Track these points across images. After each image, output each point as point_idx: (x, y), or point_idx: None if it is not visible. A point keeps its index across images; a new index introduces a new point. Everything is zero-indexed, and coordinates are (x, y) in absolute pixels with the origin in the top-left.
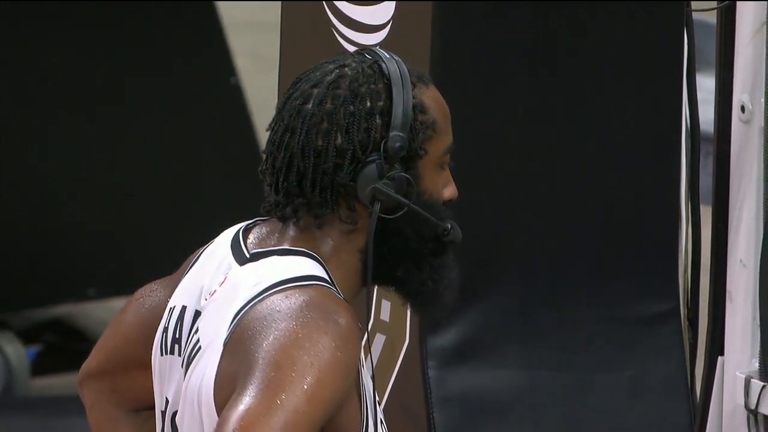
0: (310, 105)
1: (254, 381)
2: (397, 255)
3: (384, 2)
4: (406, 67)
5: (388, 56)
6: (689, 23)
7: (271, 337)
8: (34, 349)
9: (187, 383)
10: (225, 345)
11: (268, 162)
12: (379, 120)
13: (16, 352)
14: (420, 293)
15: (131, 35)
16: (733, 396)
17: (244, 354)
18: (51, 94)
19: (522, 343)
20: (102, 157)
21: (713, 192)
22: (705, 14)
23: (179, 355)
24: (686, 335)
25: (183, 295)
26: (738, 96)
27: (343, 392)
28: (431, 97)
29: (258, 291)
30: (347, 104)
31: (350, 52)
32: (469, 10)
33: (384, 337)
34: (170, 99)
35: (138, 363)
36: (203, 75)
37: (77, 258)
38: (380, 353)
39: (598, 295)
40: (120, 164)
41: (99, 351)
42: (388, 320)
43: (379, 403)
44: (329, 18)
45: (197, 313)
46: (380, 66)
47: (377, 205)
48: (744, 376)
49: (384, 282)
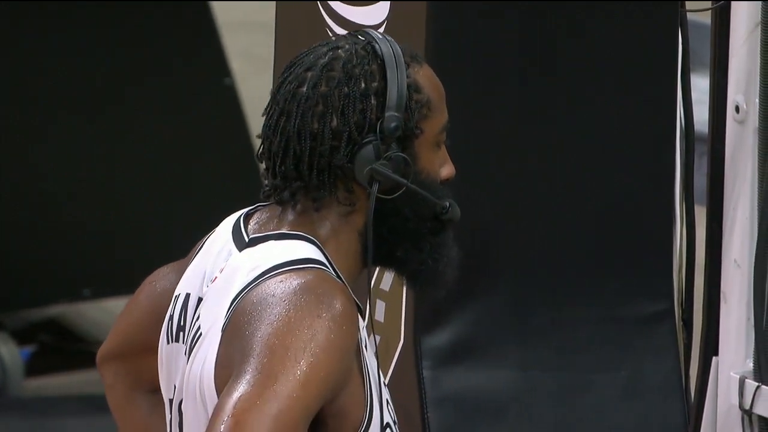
0: (305, 88)
1: (249, 368)
2: (397, 235)
3: (378, 2)
4: (399, 47)
5: (381, 37)
6: (683, 24)
7: (266, 323)
8: (29, 350)
9: (189, 370)
10: (223, 331)
11: (265, 146)
12: (374, 101)
13: (10, 353)
14: (420, 272)
15: (126, 36)
16: (728, 396)
17: (240, 340)
18: (43, 96)
19: (517, 343)
20: (97, 158)
21: (708, 192)
22: (699, 15)
23: (183, 343)
24: (681, 335)
25: (187, 283)
26: (732, 96)
27: (339, 374)
28: (425, 76)
29: (254, 276)
30: (342, 86)
31: (343, 35)
32: (465, 10)
33: (378, 337)
34: (165, 100)
35: (152, 346)
36: (198, 76)
37: (72, 258)
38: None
39: (593, 296)
40: (115, 165)
41: (115, 334)
42: (383, 320)
43: (386, 384)
44: (324, 18)
45: (199, 300)
46: (373, 47)
47: (375, 186)
48: (738, 377)
49: (383, 263)
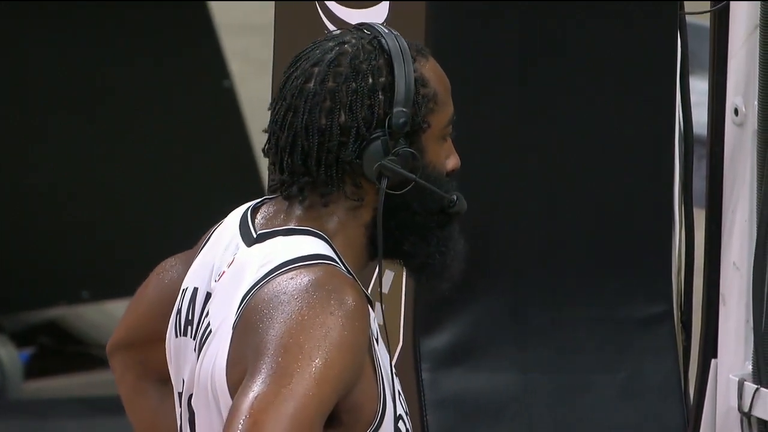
0: (312, 84)
1: (263, 367)
2: (404, 229)
3: (377, 6)
4: (405, 41)
5: (387, 31)
6: (682, 26)
7: (278, 321)
8: (28, 352)
9: (200, 367)
10: (234, 328)
11: (271, 141)
12: (382, 96)
13: (9, 355)
14: (427, 266)
15: (126, 37)
16: (727, 398)
17: (253, 338)
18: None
19: (516, 345)
20: (96, 161)
21: (707, 195)
22: (698, 17)
23: (192, 338)
24: (680, 337)
25: (194, 277)
26: (731, 99)
27: (353, 370)
28: (431, 70)
29: (264, 273)
30: (349, 82)
31: (347, 29)
32: (464, 10)
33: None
34: (164, 102)
35: (161, 336)
36: (197, 78)
37: (71, 260)
38: None
39: (592, 297)
40: (114, 167)
41: (123, 325)
42: (382, 322)
43: (397, 375)
44: (322, 20)
45: (208, 295)
46: (380, 41)
47: (384, 182)
48: (737, 379)
49: (391, 256)
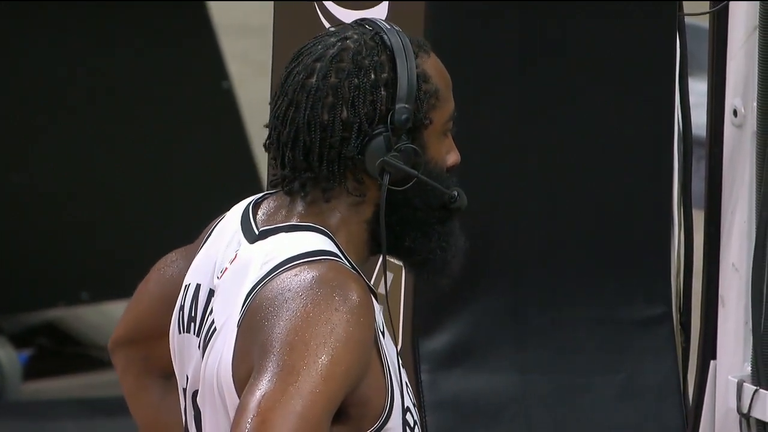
0: (314, 79)
1: (269, 365)
2: (405, 225)
3: (375, 6)
4: (407, 37)
5: (389, 27)
6: (681, 28)
7: (283, 318)
8: (27, 353)
9: (205, 365)
10: (239, 326)
11: (273, 136)
12: (384, 92)
13: (8, 356)
14: (428, 262)
15: (125, 38)
16: (726, 400)
17: (258, 335)
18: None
19: (516, 346)
20: (95, 162)
21: (706, 196)
22: (697, 18)
23: (195, 334)
24: (679, 339)
25: (197, 273)
26: (730, 100)
27: (360, 366)
28: (433, 66)
29: (267, 270)
30: (351, 77)
31: (349, 24)
32: (463, 10)
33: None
34: (163, 103)
35: (163, 331)
36: (196, 79)
37: (70, 262)
38: None
39: (591, 298)
40: (113, 169)
41: (125, 321)
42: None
43: (403, 367)
44: (321, 21)
45: (211, 292)
46: (382, 37)
47: (386, 178)
48: (736, 380)
49: (391, 252)
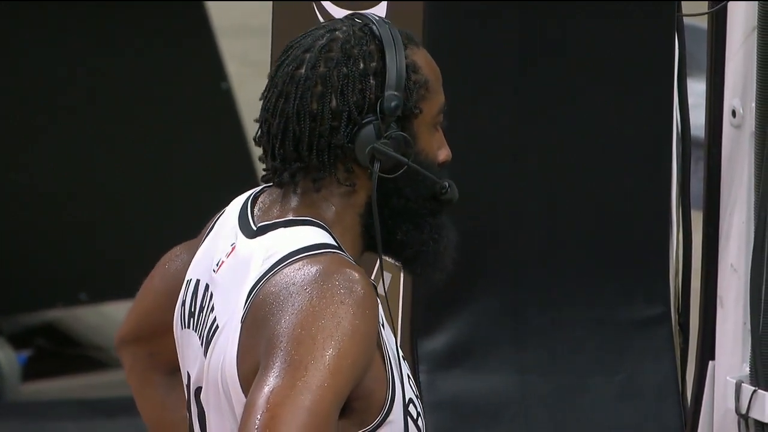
0: (303, 69)
1: (277, 360)
2: (397, 217)
3: (374, 7)
4: (396, 29)
5: (378, 19)
6: (680, 29)
7: (289, 313)
8: (26, 354)
9: (209, 363)
10: (242, 322)
11: (263, 129)
12: (373, 81)
13: (7, 357)
14: (421, 254)
15: (125, 39)
16: (724, 400)
17: (264, 331)
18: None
19: (514, 346)
20: (94, 163)
21: (704, 197)
22: (696, 19)
23: (195, 330)
24: (677, 339)
25: (197, 268)
26: (729, 100)
27: (366, 358)
28: (422, 58)
29: (270, 265)
30: (340, 66)
31: (339, 18)
32: (462, 10)
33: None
34: (162, 104)
35: (168, 327)
36: (195, 80)
37: (69, 262)
38: None
39: (591, 299)
40: (112, 170)
41: (131, 317)
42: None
43: (404, 359)
44: (320, 22)
45: (208, 287)
46: (371, 28)
47: (377, 165)
48: (735, 381)
49: (384, 247)
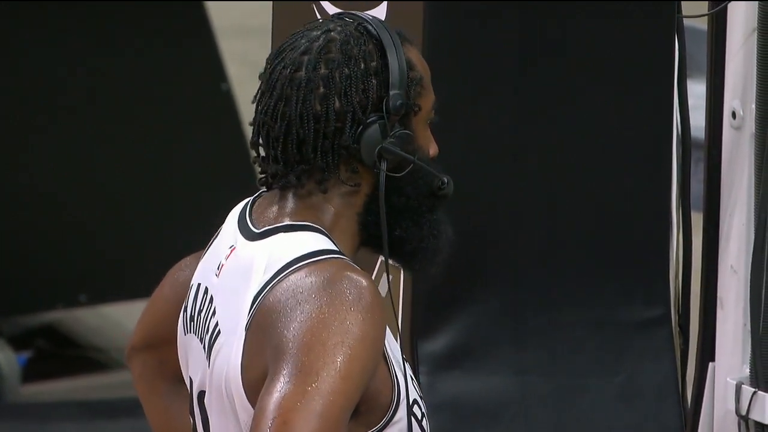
0: (303, 72)
1: (286, 366)
2: (397, 215)
3: (375, 8)
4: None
5: (371, 18)
6: (680, 30)
7: (298, 320)
8: (26, 355)
9: (212, 369)
10: (247, 329)
11: (261, 133)
12: (375, 80)
13: (7, 358)
14: (420, 250)
15: (125, 40)
16: (724, 402)
17: (271, 338)
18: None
19: (514, 347)
20: (94, 164)
21: (704, 198)
22: (696, 20)
23: (196, 335)
24: (677, 341)
25: (200, 274)
26: (729, 102)
27: (375, 363)
28: (415, 55)
29: (273, 272)
30: (342, 67)
31: (329, 18)
32: (462, 10)
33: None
34: (162, 105)
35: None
36: (195, 81)
37: (68, 264)
38: None
39: (590, 300)
40: (112, 171)
41: (141, 325)
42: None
43: (407, 360)
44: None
45: (208, 290)
46: (366, 27)
47: (384, 165)
48: (735, 382)
49: (379, 244)
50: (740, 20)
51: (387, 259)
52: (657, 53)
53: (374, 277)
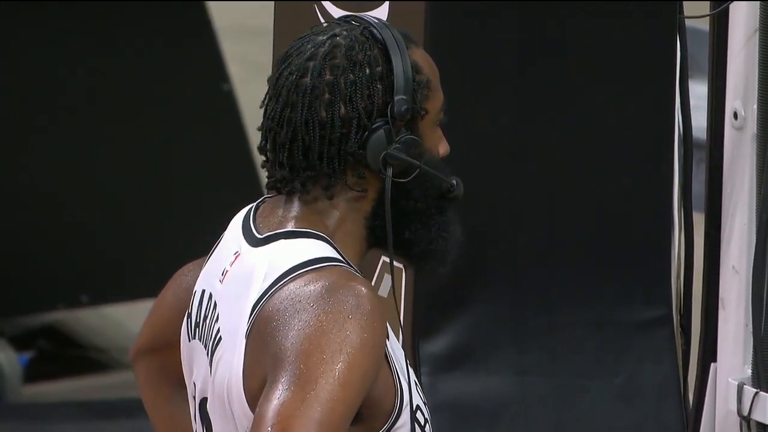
0: (309, 78)
1: (285, 374)
2: (405, 217)
3: (376, 9)
4: (394, 29)
5: (377, 21)
6: (682, 30)
7: (297, 328)
8: (27, 356)
9: (214, 376)
10: (247, 337)
11: (268, 139)
12: (380, 85)
13: (9, 359)
14: (429, 252)
15: (125, 40)
16: (726, 402)
17: (270, 346)
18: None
19: (515, 348)
20: (95, 164)
21: (706, 199)
22: (697, 21)
23: (201, 341)
24: (679, 341)
25: (204, 280)
26: (731, 103)
27: (375, 369)
28: (422, 57)
29: (273, 279)
30: (347, 73)
31: (335, 21)
32: (462, 10)
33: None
34: (163, 105)
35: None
36: (196, 81)
37: (70, 264)
38: None
39: (591, 301)
40: (113, 171)
41: (145, 330)
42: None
43: (412, 366)
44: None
45: (212, 297)
46: (371, 31)
47: (390, 170)
48: (736, 383)
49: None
50: (742, 21)
51: (392, 263)
52: (657, 53)
53: (375, 278)
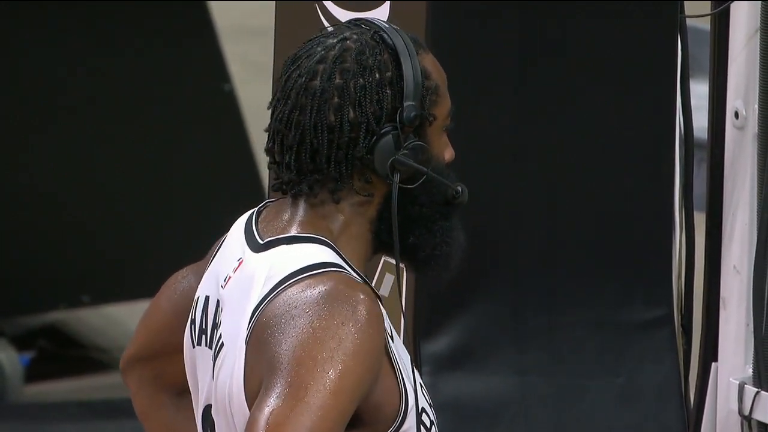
0: (318, 81)
1: (278, 381)
2: (411, 222)
3: (377, 8)
4: (404, 34)
5: (387, 25)
6: (683, 29)
7: (291, 335)
8: (28, 356)
9: (217, 381)
10: (247, 343)
11: (276, 141)
12: (389, 90)
13: (10, 359)
14: (433, 257)
15: (126, 40)
16: (727, 402)
17: (266, 353)
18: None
19: (515, 348)
20: (96, 164)
21: (707, 198)
22: (698, 20)
23: (207, 347)
24: (680, 341)
25: (206, 285)
26: (732, 102)
27: (370, 376)
28: (431, 62)
29: (272, 285)
30: (357, 77)
31: (345, 25)
32: (462, 10)
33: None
34: (164, 105)
35: (175, 348)
36: (196, 81)
37: (71, 264)
38: None
39: (591, 301)
40: (114, 171)
41: (137, 338)
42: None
43: (417, 369)
44: (323, 23)
45: (218, 303)
46: (381, 36)
47: (397, 176)
48: (738, 383)
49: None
50: (743, 20)
51: (398, 269)
52: (657, 53)
53: (375, 279)
